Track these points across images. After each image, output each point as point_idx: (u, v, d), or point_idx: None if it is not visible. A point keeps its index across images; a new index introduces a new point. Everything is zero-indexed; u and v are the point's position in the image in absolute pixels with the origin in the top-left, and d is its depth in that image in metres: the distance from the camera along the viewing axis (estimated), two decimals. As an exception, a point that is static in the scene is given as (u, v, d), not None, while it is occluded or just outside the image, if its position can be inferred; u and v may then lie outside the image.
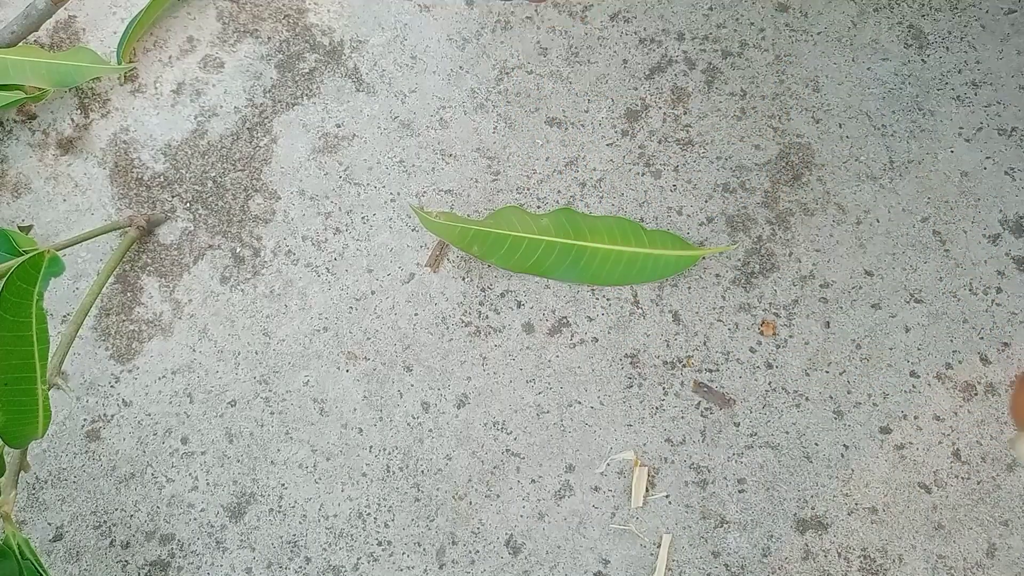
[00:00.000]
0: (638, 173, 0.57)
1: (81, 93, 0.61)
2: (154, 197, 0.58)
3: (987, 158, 0.56)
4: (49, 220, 0.58)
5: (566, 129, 0.58)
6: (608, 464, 0.53)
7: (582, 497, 0.52)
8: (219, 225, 0.58)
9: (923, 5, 0.59)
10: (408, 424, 0.54)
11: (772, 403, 0.53)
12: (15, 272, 0.39)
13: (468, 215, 0.57)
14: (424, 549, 0.52)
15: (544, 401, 0.54)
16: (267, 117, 0.60)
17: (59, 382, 0.49)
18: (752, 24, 0.60)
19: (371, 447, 0.54)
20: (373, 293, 0.56)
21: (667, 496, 0.52)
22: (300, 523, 0.53)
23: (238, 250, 0.57)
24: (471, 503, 0.53)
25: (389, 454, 0.54)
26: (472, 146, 0.58)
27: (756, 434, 0.53)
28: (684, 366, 0.54)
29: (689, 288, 0.55)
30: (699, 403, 0.53)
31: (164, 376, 0.55)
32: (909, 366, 0.53)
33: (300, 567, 0.52)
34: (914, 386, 0.53)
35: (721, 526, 0.52)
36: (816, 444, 0.52)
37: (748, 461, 0.52)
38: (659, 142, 0.58)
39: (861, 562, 0.51)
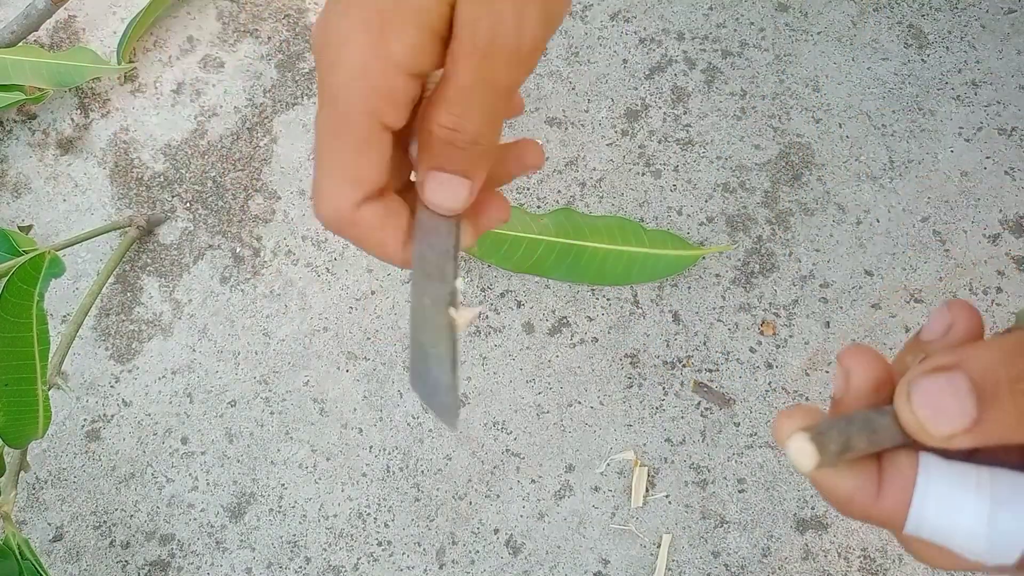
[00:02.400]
0: (638, 173, 0.57)
1: (81, 93, 0.61)
2: (154, 197, 0.58)
3: (987, 158, 0.56)
4: (49, 220, 0.58)
5: (566, 129, 0.58)
6: (608, 464, 0.53)
7: (582, 497, 0.52)
8: (219, 225, 0.58)
9: (923, 5, 0.59)
10: (408, 424, 0.54)
11: (772, 403, 0.53)
12: (16, 273, 0.39)
13: (468, 215, 0.57)
14: (424, 549, 0.52)
15: (544, 401, 0.54)
16: (267, 117, 0.60)
17: (59, 382, 0.49)
18: (752, 24, 0.59)
19: (371, 447, 0.54)
20: (373, 293, 0.56)
21: (667, 496, 0.52)
22: (300, 523, 0.53)
23: (238, 250, 0.57)
24: (471, 503, 0.53)
25: (389, 454, 0.54)
26: (472, 146, 0.58)
27: (756, 434, 0.53)
28: (684, 366, 0.54)
29: (689, 288, 0.55)
30: (699, 403, 0.53)
31: (164, 376, 0.55)
32: (909, 366, 0.53)
33: (300, 567, 0.52)
34: (914, 386, 0.53)
35: (721, 526, 0.52)
36: (816, 444, 0.52)
37: (748, 461, 0.52)
38: (659, 142, 0.58)
39: (861, 562, 0.51)
